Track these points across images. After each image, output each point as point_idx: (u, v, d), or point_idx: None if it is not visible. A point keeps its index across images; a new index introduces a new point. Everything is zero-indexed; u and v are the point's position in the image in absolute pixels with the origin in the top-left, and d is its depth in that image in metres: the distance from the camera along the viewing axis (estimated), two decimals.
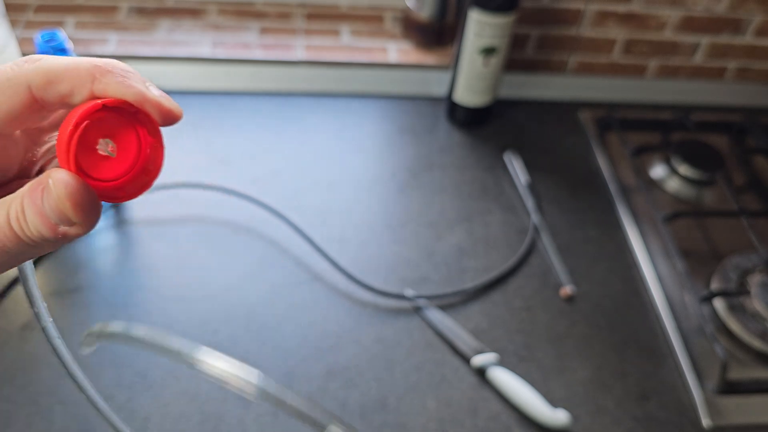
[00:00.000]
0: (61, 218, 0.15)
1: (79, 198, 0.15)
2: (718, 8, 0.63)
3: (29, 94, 0.15)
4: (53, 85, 0.15)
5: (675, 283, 0.49)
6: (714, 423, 0.42)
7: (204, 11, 0.66)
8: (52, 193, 0.15)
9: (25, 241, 0.15)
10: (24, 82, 0.15)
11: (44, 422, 0.39)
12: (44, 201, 0.15)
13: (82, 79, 0.15)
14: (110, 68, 0.16)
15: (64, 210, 0.15)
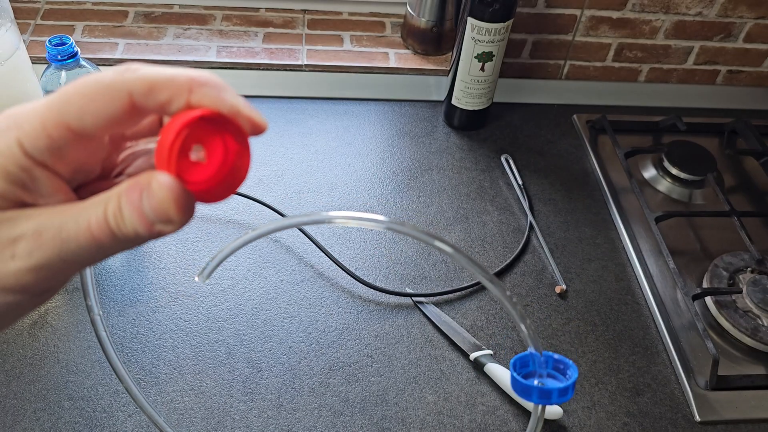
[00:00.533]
0: (162, 218, 0.16)
1: (181, 200, 0.16)
2: (710, 13, 0.65)
3: (129, 101, 0.16)
4: (154, 93, 0.16)
5: (667, 282, 0.50)
6: (705, 418, 0.43)
7: (210, 18, 0.68)
8: (155, 194, 0.16)
9: (119, 237, 0.16)
10: (125, 89, 0.16)
11: (52, 418, 0.39)
12: (144, 201, 0.16)
13: (180, 90, 0.16)
14: (206, 81, 0.17)
15: (167, 210, 0.16)
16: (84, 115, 0.16)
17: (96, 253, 0.17)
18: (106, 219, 0.16)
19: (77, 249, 0.16)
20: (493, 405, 0.42)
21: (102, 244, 0.17)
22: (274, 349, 0.44)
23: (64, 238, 0.16)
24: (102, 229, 0.16)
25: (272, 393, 0.42)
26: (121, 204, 0.16)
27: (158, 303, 0.46)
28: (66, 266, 0.17)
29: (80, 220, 0.16)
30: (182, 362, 0.43)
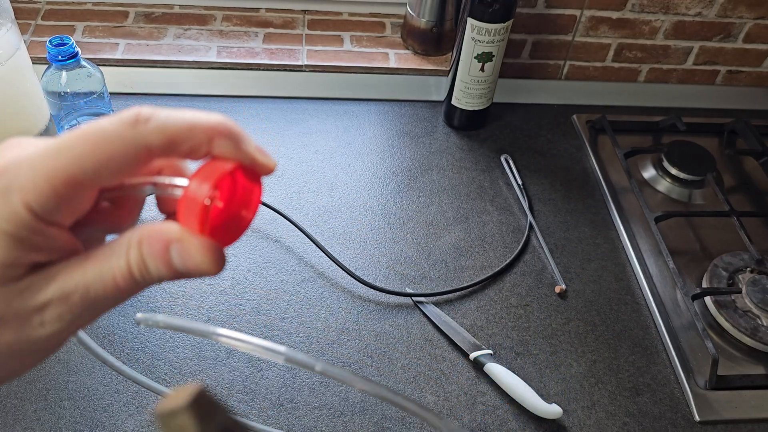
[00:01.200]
0: (196, 273, 0.16)
1: (218, 258, 0.16)
2: (710, 13, 0.65)
3: (147, 154, 0.16)
4: (173, 146, 0.16)
5: (667, 281, 0.50)
6: (705, 418, 0.43)
7: (210, 18, 0.68)
8: (194, 256, 0.16)
9: (141, 284, 0.16)
10: (143, 144, 0.15)
11: (53, 417, 0.39)
12: (176, 258, 0.16)
13: (200, 142, 0.16)
14: (226, 132, 0.16)
15: (206, 269, 0.16)
16: (100, 173, 0.15)
17: (120, 300, 0.17)
18: (130, 269, 0.16)
19: (104, 301, 0.16)
20: (493, 405, 0.42)
21: (126, 292, 0.17)
22: None
23: (93, 297, 0.16)
24: (126, 280, 0.16)
25: (272, 392, 0.42)
26: (144, 255, 0.16)
27: (158, 302, 0.46)
28: (92, 319, 0.17)
29: (104, 275, 0.16)
30: (183, 362, 0.43)
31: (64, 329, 0.16)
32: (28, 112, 0.54)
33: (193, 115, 0.16)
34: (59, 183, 0.15)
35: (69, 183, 0.15)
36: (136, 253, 0.16)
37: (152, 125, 0.16)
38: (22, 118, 0.53)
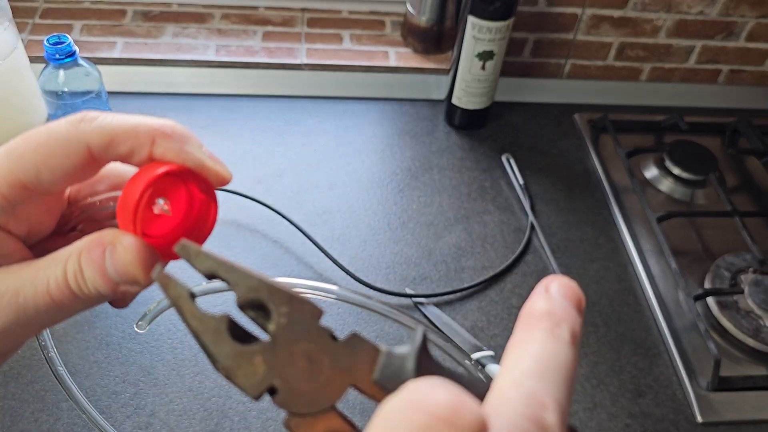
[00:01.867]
0: (127, 279, 0.15)
1: (147, 262, 0.15)
2: (712, 12, 0.64)
3: (88, 154, 0.15)
4: (113, 146, 0.15)
5: (669, 282, 0.50)
6: (707, 419, 0.42)
7: (209, 16, 0.67)
8: (120, 256, 0.15)
9: (80, 297, 0.16)
10: (83, 141, 0.15)
11: (51, 419, 0.39)
12: (108, 262, 0.15)
13: (141, 142, 0.16)
14: (170, 132, 0.16)
15: (133, 272, 0.15)
16: (40, 172, 0.15)
17: (56, 314, 0.16)
18: (66, 280, 0.15)
19: (35, 313, 0.15)
20: None
21: (62, 305, 0.16)
22: None
23: (21, 303, 0.15)
24: (62, 290, 0.15)
25: None
26: (82, 263, 0.15)
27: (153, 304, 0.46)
28: (24, 331, 0.16)
29: (38, 282, 0.15)
30: (181, 363, 0.42)
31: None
32: (25, 111, 0.53)
33: (140, 117, 0.16)
34: (3, 184, 0.15)
35: (12, 184, 0.15)
36: (74, 261, 0.15)
37: (95, 124, 0.15)
38: (19, 118, 0.53)
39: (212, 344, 0.14)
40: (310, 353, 0.14)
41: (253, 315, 0.15)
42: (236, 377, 0.14)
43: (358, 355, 0.14)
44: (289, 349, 0.14)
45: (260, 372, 0.14)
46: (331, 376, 0.14)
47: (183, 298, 0.15)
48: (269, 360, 0.14)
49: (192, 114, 0.60)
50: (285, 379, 0.14)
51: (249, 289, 0.15)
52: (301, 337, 0.14)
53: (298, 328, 0.14)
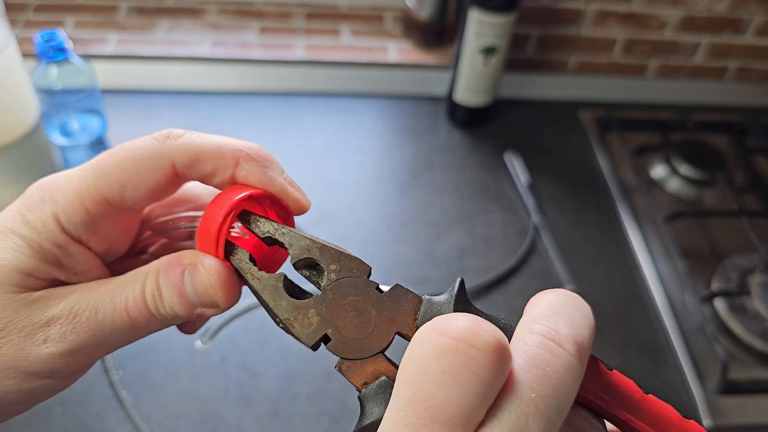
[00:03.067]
0: (206, 302, 0.16)
1: (228, 284, 0.16)
2: (719, 8, 0.63)
3: (172, 171, 0.16)
4: (198, 165, 0.16)
5: (676, 283, 0.49)
6: (715, 423, 0.42)
7: (204, 11, 0.66)
8: (201, 278, 0.15)
9: (156, 317, 0.16)
10: (168, 158, 0.15)
11: (44, 423, 0.38)
12: (188, 284, 0.15)
13: (225, 162, 0.16)
14: (254, 155, 0.16)
15: (213, 295, 0.16)
16: (125, 188, 0.15)
17: (131, 334, 0.16)
18: (144, 299, 0.15)
19: (112, 331, 0.15)
20: None
21: (138, 325, 0.16)
22: (270, 354, 0.43)
23: (100, 321, 0.15)
24: (139, 309, 0.15)
25: (268, 399, 0.41)
26: (161, 283, 0.16)
27: None
28: (98, 350, 0.16)
29: (116, 299, 0.15)
30: (176, 367, 0.41)
31: (66, 352, 0.15)
32: (17, 108, 0.52)
33: (225, 138, 0.16)
34: (88, 198, 0.15)
35: (96, 199, 0.15)
36: (152, 281, 0.16)
37: (180, 141, 0.16)
38: (11, 115, 0.52)
39: (271, 300, 0.16)
40: (358, 305, 0.16)
41: (306, 273, 0.16)
42: (293, 328, 0.16)
43: (402, 305, 0.16)
44: (339, 302, 0.16)
45: (314, 323, 0.15)
46: (378, 324, 0.16)
47: (244, 261, 0.16)
48: (322, 312, 0.16)
49: (187, 111, 0.59)
50: (336, 329, 0.15)
51: (302, 249, 0.16)
52: (349, 291, 0.16)
53: (346, 282, 0.16)
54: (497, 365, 0.12)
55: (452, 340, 0.12)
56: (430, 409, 0.11)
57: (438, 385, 0.12)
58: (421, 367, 0.12)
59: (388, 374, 0.15)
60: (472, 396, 0.12)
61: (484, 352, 0.12)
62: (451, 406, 0.11)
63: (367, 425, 0.14)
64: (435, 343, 0.12)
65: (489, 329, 0.12)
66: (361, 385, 0.15)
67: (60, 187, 0.15)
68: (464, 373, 0.12)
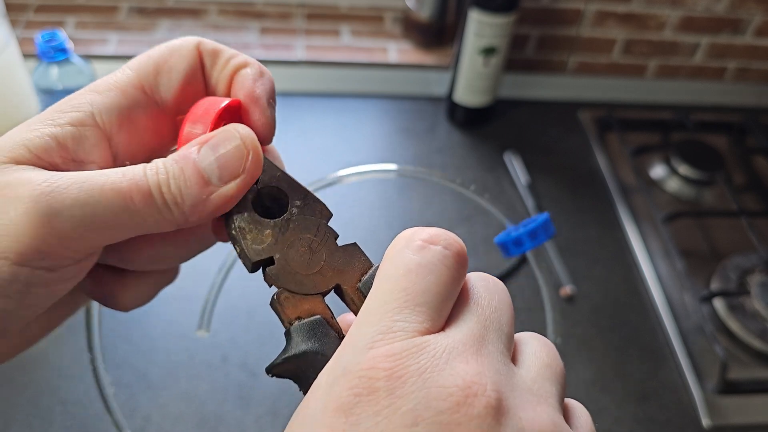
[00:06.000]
0: (229, 170, 0.15)
1: (257, 149, 0.15)
2: (718, 8, 0.63)
3: (199, 59, 0.17)
4: (218, 56, 0.17)
5: (675, 283, 0.49)
6: (714, 423, 0.42)
7: (204, 11, 0.66)
8: (231, 135, 0.15)
9: (155, 199, 0.14)
10: (195, 46, 0.17)
11: (44, 423, 0.38)
12: (207, 154, 0.15)
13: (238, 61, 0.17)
14: (259, 69, 0.17)
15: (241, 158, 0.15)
16: (159, 74, 0.16)
17: (123, 214, 0.14)
18: (144, 173, 0.14)
19: (99, 205, 0.13)
20: None
21: (132, 204, 0.14)
22: (270, 354, 0.42)
23: (86, 188, 0.14)
24: (136, 183, 0.14)
25: (268, 399, 0.41)
26: (168, 159, 0.15)
27: (150, 305, 0.45)
28: (85, 228, 0.14)
29: (110, 173, 0.14)
30: (176, 367, 0.41)
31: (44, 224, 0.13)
32: (18, 108, 0.52)
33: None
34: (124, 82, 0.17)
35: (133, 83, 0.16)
36: (156, 162, 0.15)
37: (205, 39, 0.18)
38: (11, 115, 0.52)
39: (235, 207, 0.16)
40: (312, 244, 0.16)
41: (267, 204, 0.16)
42: (244, 239, 0.15)
43: (352, 262, 0.16)
44: (296, 235, 0.16)
45: (267, 242, 0.16)
46: (325, 269, 0.16)
47: None
48: (277, 236, 0.16)
49: None
50: (284, 257, 0.16)
51: (272, 178, 0.16)
52: (308, 230, 0.16)
53: (308, 220, 0.16)
54: (462, 264, 0.14)
55: (427, 241, 0.14)
56: (410, 294, 0.13)
57: (416, 275, 0.13)
58: (400, 263, 0.14)
59: (324, 315, 0.15)
60: (444, 286, 0.14)
61: (453, 252, 0.14)
62: (428, 293, 0.13)
63: (293, 356, 0.14)
64: (412, 245, 0.14)
65: (455, 236, 0.14)
66: (294, 319, 0.15)
67: (102, 80, 0.16)
68: (438, 266, 0.14)
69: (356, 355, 0.12)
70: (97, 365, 0.20)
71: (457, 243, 0.14)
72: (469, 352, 0.13)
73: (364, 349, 0.12)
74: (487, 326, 0.14)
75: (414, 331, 0.13)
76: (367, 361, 0.12)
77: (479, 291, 0.15)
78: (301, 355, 0.15)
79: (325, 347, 0.15)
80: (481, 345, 0.13)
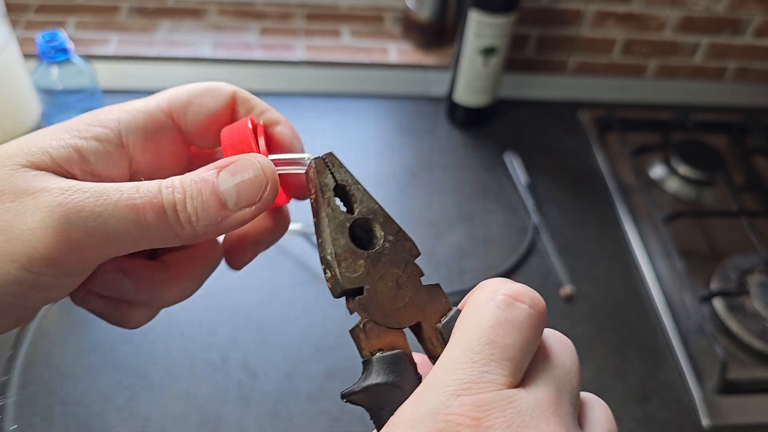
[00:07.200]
0: (247, 197, 0.15)
1: (275, 181, 0.16)
2: (718, 8, 0.63)
3: (231, 99, 0.18)
4: (246, 105, 0.18)
5: (675, 283, 0.49)
6: (714, 423, 0.42)
7: (204, 12, 0.66)
8: (250, 164, 0.15)
9: (168, 218, 0.14)
10: (231, 92, 0.18)
11: (44, 423, 0.38)
12: (226, 179, 0.15)
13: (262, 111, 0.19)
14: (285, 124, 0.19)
15: (259, 186, 0.15)
16: (190, 104, 0.17)
17: (135, 230, 0.14)
18: (160, 191, 0.14)
19: (112, 219, 0.14)
20: None
21: (144, 220, 0.14)
22: (270, 354, 0.43)
23: (100, 203, 0.14)
24: (150, 200, 0.14)
25: (269, 399, 0.41)
26: (187, 179, 0.15)
27: None
28: (96, 241, 0.14)
29: (125, 188, 0.14)
30: (176, 367, 0.42)
31: (58, 234, 0.13)
32: (18, 109, 0.52)
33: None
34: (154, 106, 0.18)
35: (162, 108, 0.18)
36: (173, 180, 0.15)
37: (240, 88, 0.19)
38: (12, 115, 0.52)
39: (333, 233, 0.16)
40: (400, 279, 0.16)
41: (359, 234, 0.17)
42: (338, 266, 0.16)
43: (434, 302, 0.17)
44: (387, 269, 0.16)
45: (359, 272, 0.16)
46: (409, 305, 0.16)
47: (329, 187, 0.18)
48: (369, 268, 0.16)
49: None
50: (374, 288, 0.16)
51: (369, 210, 0.17)
52: (398, 265, 0.17)
53: (398, 256, 0.17)
54: (543, 324, 0.15)
55: (512, 297, 0.15)
56: (497, 348, 0.14)
57: (504, 331, 0.14)
58: (488, 315, 0.14)
59: (405, 351, 0.16)
60: (527, 343, 0.14)
61: (537, 312, 0.15)
62: (513, 348, 0.14)
63: (374, 385, 0.15)
64: (497, 298, 0.15)
65: (538, 295, 0.15)
66: (375, 351, 0.16)
67: (134, 101, 0.17)
68: (524, 325, 0.14)
69: (445, 399, 0.13)
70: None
71: (541, 303, 0.15)
72: (549, 412, 0.13)
73: (453, 394, 0.13)
74: (562, 387, 0.14)
75: (501, 384, 0.13)
76: (457, 407, 0.13)
77: (556, 351, 0.15)
78: (381, 386, 0.15)
79: (405, 383, 0.15)
80: (558, 405, 0.14)
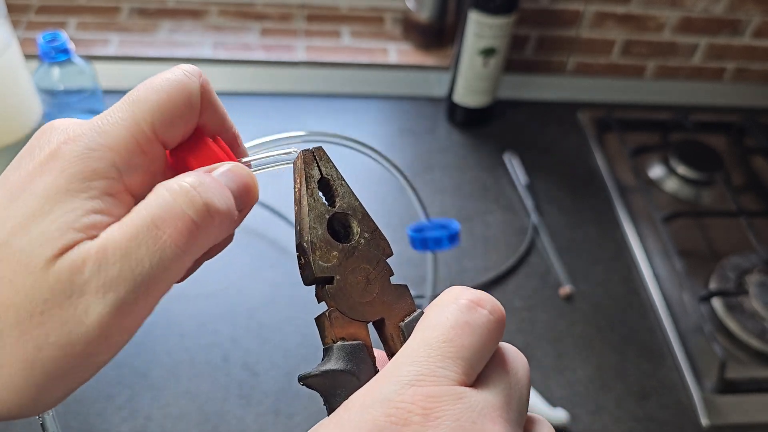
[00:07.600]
0: (243, 193, 0.16)
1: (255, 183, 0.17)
2: (717, 9, 0.64)
3: (195, 98, 0.17)
4: (210, 105, 0.18)
5: (674, 283, 0.49)
6: (712, 422, 0.42)
7: (205, 12, 0.66)
8: (239, 170, 0.16)
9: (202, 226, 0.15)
10: (195, 85, 0.17)
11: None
12: (226, 178, 0.16)
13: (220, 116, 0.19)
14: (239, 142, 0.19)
15: (251, 184, 0.16)
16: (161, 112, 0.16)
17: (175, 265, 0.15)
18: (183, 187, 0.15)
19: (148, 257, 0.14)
20: None
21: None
22: (271, 353, 0.43)
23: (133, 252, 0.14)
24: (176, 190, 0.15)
25: (269, 398, 0.41)
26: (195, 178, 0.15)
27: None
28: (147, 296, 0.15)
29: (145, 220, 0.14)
30: (177, 366, 0.42)
31: (111, 312, 0.13)
32: (19, 109, 0.53)
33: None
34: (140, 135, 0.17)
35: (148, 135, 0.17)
36: (191, 175, 0.16)
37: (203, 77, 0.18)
38: (13, 116, 0.52)
39: (311, 222, 0.17)
40: (370, 275, 0.17)
41: (336, 227, 0.18)
42: (313, 254, 0.17)
43: (399, 302, 0.17)
44: (358, 263, 0.17)
45: (332, 262, 0.17)
46: (375, 301, 0.17)
47: (314, 179, 0.18)
48: (342, 260, 0.17)
49: None
50: (344, 280, 0.17)
51: (349, 206, 0.18)
52: (369, 262, 0.17)
53: (371, 253, 0.17)
54: (501, 330, 0.15)
55: (474, 302, 0.15)
56: (454, 347, 0.14)
57: (462, 331, 0.15)
58: (449, 316, 0.15)
59: (366, 343, 0.16)
60: (483, 346, 0.15)
61: (496, 318, 0.15)
62: (470, 349, 0.14)
63: (331, 371, 0.15)
64: (460, 302, 0.15)
65: (498, 303, 0.16)
66: (337, 339, 0.16)
67: (122, 135, 0.15)
68: (482, 328, 0.15)
69: (398, 387, 0.14)
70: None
71: (500, 311, 0.16)
72: (497, 414, 0.14)
73: (406, 384, 0.14)
74: (512, 394, 0.15)
75: (453, 380, 0.14)
76: (409, 396, 0.13)
77: (511, 360, 0.16)
78: (338, 372, 0.16)
79: (362, 373, 0.16)
80: (507, 411, 0.14)
